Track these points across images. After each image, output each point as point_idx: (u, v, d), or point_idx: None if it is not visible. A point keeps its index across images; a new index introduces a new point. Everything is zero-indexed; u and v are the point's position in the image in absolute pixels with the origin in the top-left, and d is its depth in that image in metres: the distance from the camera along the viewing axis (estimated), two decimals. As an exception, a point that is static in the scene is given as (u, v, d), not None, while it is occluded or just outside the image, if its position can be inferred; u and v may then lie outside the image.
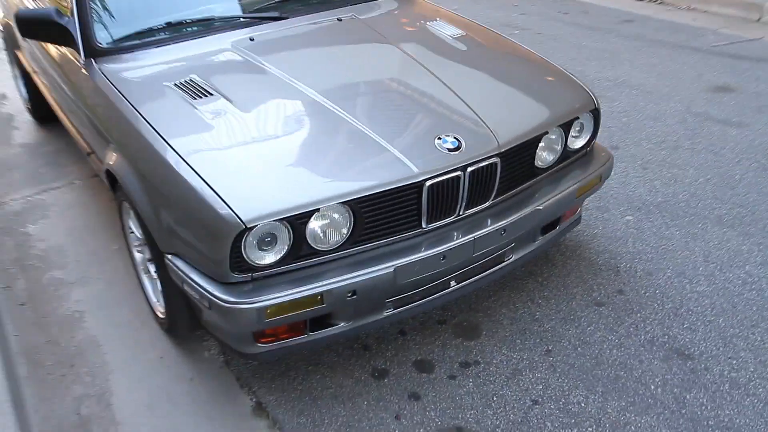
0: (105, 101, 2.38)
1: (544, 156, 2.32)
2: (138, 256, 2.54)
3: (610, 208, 3.13)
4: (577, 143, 2.44)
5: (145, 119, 2.16)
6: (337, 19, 2.81)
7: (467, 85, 2.38)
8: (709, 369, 2.21)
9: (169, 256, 2.02)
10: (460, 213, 2.11)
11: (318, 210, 1.87)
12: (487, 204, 2.17)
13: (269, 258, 1.89)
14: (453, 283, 2.25)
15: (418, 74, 2.44)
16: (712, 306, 2.50)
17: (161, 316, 2.42)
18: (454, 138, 2.07)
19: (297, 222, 1.86)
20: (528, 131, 2.20)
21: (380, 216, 1.98)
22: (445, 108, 2.26)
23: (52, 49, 2.91)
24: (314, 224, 1.90)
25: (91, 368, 2.34)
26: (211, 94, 2.25)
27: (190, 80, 2.33)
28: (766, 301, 2.51)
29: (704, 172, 3.41)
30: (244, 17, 2.76)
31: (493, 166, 2.10)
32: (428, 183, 1.98)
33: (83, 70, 2.55)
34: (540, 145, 2.26)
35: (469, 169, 2.04)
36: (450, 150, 2.04)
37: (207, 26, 2.68)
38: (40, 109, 3.93)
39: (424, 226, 2.05)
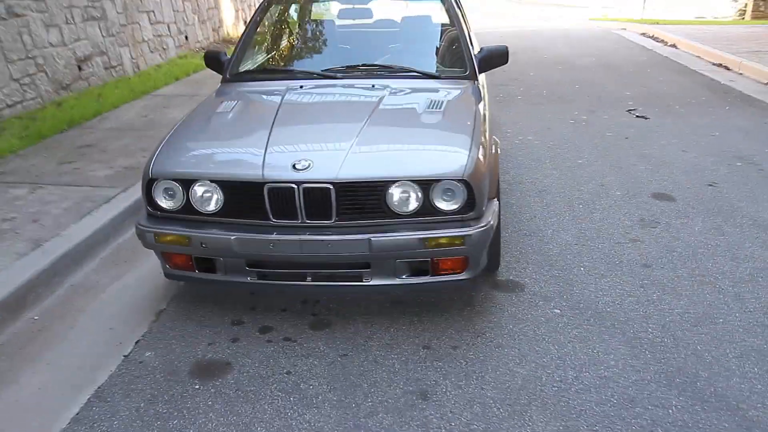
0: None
1: (400, 203, 2.81)
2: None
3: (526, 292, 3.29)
4: (444, 205, 2.84)
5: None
6: (372, 86, 3.67)
7: (374, 135, 3.01)
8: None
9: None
10: (304, 220, 2.84)
11: (198, 180, 2.89)
12: (330, 221, 2.83)
13: (168, 205, 2.96)
14: (309, 278, 2.97)
15: (356, 119, 3.14)
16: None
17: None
18: (306, 161, 2.83)
19: (185, 185, 2.91)
20: (368, 176, 2.76)
21: (241, 200, 2.87)
22: (333, 143, 2.97)
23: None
24: (198, 190, 2.90)
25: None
26: (235, 101, 3.46)
27: (243, 94, 3.57)
28: None
29: None
30: (309, 73, 3.85)
31: (327, 191, 2.77)
32: (268, 186, 2.80)
33: (220, 84, 3.97)
34: (389, 192, 2.80)
35: (303, 186, 2.78)
36: (296, 168, 2.81)
37: (288, 74, 3.86)
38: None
39: (272, 220, 2.86)
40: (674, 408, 2.43)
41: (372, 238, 2.78)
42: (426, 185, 2.79)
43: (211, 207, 2.90)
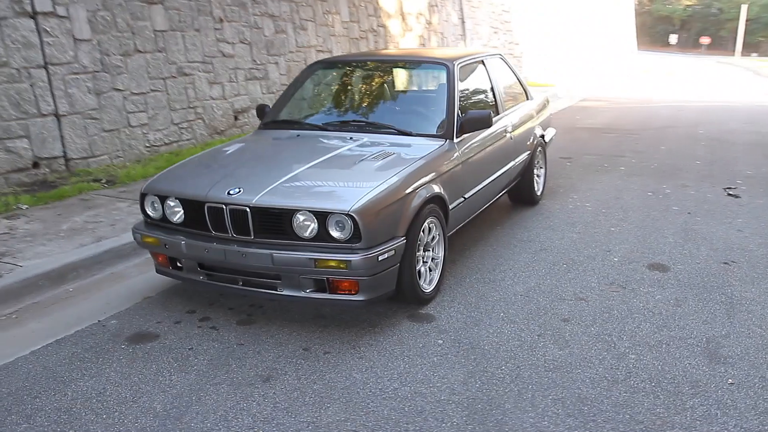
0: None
1: (300, 228, 3.47)
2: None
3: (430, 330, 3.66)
4: (336, 234, 3.44)
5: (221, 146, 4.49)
6: (350, 138, 4.36)
7: (307, 173, 3.72)
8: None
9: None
10: (233, 235, 3.63)
11: (169, 197, 3.83)
12: (251, 237, 3.59)
13: (153, 214, 3.94)
14: (240, 283, 3.74)
15: (306, 161, 3.88)
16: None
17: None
18: (239, 189, 3.62)
19: (161, 199, 3.86)
20: (276, 204, 3.47)
21: (194, 215, 3.74)
22: (271, 177, 3.67)
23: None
24: (170, 204, 3.84)
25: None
26: (243, 143, 4.40)
27: (253, 138, 4.54)
28: None
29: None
30: (312, 125, 4.65)
31: (245, 212, 3.54)
32: (207, 204, 3.64)
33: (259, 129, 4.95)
34: (294, 218, 3.47)
35: (229, 207, 3.58)
36: (228, 194, 3.62)
37: (297, 125, 4.71)
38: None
39: (212, 232, 3.69)
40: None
41: (273, 254, 3.47)
42: (322, 216, 3.43)
43: (177, 218, 3.81)
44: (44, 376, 3.18)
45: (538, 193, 6.15)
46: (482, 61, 5.33)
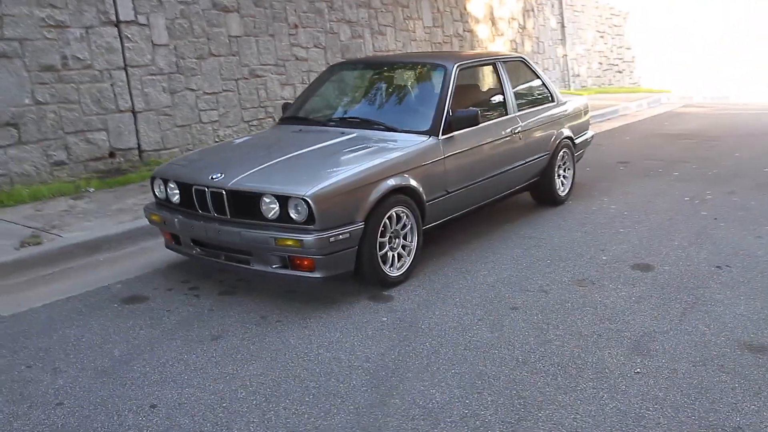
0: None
1: (266, 210, 3.90)
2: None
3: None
4: (296, 216, 3.85)
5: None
6: (341, 133, 4.75)
7: (286, 162, 4.17)
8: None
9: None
10: (214, 215, 4.14)
11: (170, 180, 4.40)
12: (227, 217, 4.08)
13: (160, 195, 4.53)
14: (222, 257, 4.25)
15: (290, 151, 4.32)
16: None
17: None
18: (221, 174, 4.12)
19: (165, 182, 4.45)
20: (246, 187, 3.94)
21: (186, 196, 4.29)
22: (251, 164, 4.14)
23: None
24: (171, 186, 4.41)
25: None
26: (251, 137, 4.93)
27: (263, 133, 5.09)
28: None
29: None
30: (315, 121, 5.08)
31: (221, 195, 4.03)
32: (194, 187, 4.17)
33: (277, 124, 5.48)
34: (261, 201, 3.92)
35: (210, 189, 4.09)
36: (211, 178, 4.13)
37: (303, 121, 5.16)
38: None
39: (199, 212, 4.22)
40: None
41: (242, 231, 3.95)
42: (284, 199, 3.86)
43: (175, 199, 4.37)
44: (42, 324, 3.82)
45: (562, 194, 6.21)
46: (494, 63, 5.53)
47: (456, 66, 4.99)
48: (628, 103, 14.50)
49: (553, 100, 6.19)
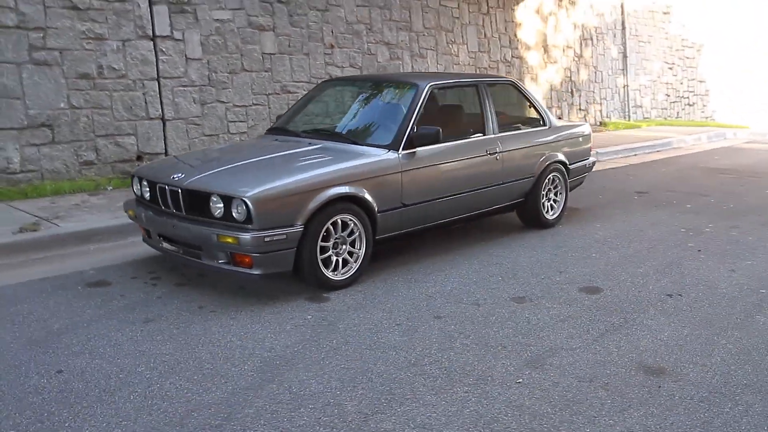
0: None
1: (213, 209, 4.23)
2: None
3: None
4: (237, 216, 4.13)
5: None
6: (309, 143, 5.04)
7: (242, 167, 4.49)
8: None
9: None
10: (174, 211, 4.50)
11: (143, 179, 4.82)
12: (183, 214, 4.43)
13: (138, 192, 4.93)
14: (180, 251, 4.60)
15: (251, 157, 4.65)
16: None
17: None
18: (181, 175, 4.49)
19: (139, 181, 4.86)
20: (197, 187, 4.28)
21: (154, 194, 4.68)
22: (210, 168, 4.52)
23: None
24: (144, 184, 4.81)
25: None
26: (230, 144, 5.29)
27: (243, 141, 5.42)
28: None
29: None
30: (290, 131, 5.39)
31: (176, 192, 4.39)
32: (158, 185, 4.56)
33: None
34: (210, 200, 4.25)
35: (167, 188, 4.46)
36: (172, 178, 4.50)
37: (280, 132, 5.48)
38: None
39: (162, 207, 4.59)
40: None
41: (190, 227, 4.29)
42: (228, 200, 4.18)
43: (147, 196, 4.77)
44: (6, 298, 4.26)
45: (551, 218, 6.25)
46: (477, 85, 5.69)
47: (428, 86, 5.20)
48: (686, 136, 14.14)
49: (544, 124, 6.26)
